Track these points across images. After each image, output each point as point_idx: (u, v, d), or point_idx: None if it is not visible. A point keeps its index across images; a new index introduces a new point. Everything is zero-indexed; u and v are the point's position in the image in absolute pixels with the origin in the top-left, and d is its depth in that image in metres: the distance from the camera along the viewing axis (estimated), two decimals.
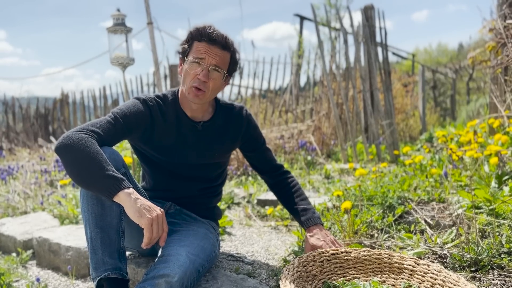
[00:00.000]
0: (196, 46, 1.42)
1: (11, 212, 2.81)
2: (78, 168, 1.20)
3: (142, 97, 1.49)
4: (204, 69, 1.40)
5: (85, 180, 1.20)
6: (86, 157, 1.19)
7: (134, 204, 1.17)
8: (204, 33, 1.40)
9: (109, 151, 1.30)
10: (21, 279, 1.86)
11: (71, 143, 1.21)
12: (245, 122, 1.62)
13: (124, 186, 1.19)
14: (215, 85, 1.44)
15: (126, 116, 1.40)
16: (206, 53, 1.40)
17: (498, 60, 2.83)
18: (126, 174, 1.35)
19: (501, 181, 2.06)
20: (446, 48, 26.62)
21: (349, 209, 1.77)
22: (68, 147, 1.21)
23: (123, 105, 1.44)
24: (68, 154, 1.21)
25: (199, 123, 1.53)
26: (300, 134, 4.69)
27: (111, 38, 2.88)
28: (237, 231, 2.22)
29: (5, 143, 8.20)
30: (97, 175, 1.18)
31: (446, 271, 1.28)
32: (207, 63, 1.40)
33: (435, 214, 1.95)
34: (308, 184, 3.05)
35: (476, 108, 7.82)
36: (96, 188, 1.20)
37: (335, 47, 4.59)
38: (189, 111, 1.52)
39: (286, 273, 1.27)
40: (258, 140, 1.69)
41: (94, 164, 1.18)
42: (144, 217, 1.16)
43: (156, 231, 1.19)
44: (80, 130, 1.26)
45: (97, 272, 1.25)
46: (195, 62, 1.41)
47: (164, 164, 1.56)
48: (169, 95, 1.54)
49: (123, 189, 1.18)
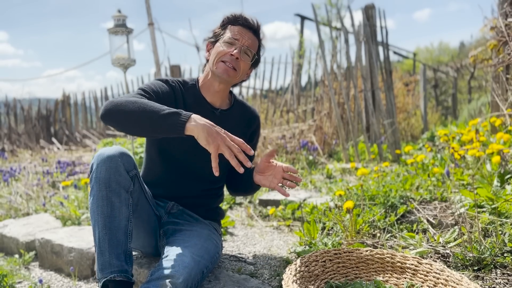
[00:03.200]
0: (231, 29, 1.49)
1: (13, 213, 2.82)
2: (135, 120, 1.22)
3: (165, 78, 1.54)
4: (237, 47, 1.47)
5: (148, 127, 1.22)
6: (137, 108, 1.22)
7: (201, 132, 1.18)
8: (240, 17, 1.50)
9: (122, 151, 1.31)
10: (24, 280, 1.87)
11: (115, 103, 1.25)
12: (256, 122, 1.69)
13: (185, 117, 1.20)
14: (244, 68, 1.51)
15: (154, 90, 1.44)
16: (241, 35, 1.48)
17: (500, 59, 2.83)
18: (137, 175, 1.37)
19: (504, 179, 2.06)
20: (447, 46, 26.58)
21: (351, 209, 1.77)
22: (114, 106, 1.24)
23: (149, 83, 1.48)
24: (118, 111, 1.24)
25: (217, 109, 1.57)
26: (302, 134, 4.69)
27: (112, 39, 2.89)
28: (239, 232, 2.22)
29: (7, 144, 8.22)
30: (157, 118, 1.19)
31: (449, 270, 1.28)
32: (241, 43, 1.47)
33: (437, 213, 1.95)
34: (310, 184, 3.05)
35: (477, 106, 7.81)
36: (162, 130, 1.21)
37: (336, 47, 4.58)
38: (209, 97, 1.56)
39: (289, 273, 1.27)
40: (254, 145, 1.73)
41: (148, 109, 1.21)
42: (210, 144, 1.18)
43: (228, 153, 1.19)
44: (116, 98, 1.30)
45: (103, 274, 1.25)
46: (229, 42, 1.47)
47: (177, 153, 1.55)
48: (189, 81, 1.59)
49: (188, 120, 1.19)
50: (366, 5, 4.31)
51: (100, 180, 1.26)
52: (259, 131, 1.72)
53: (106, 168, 1.27)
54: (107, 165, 1.27)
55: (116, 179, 1.27)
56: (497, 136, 2.56)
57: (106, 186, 1.26)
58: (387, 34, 4.45)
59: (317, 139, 4.54)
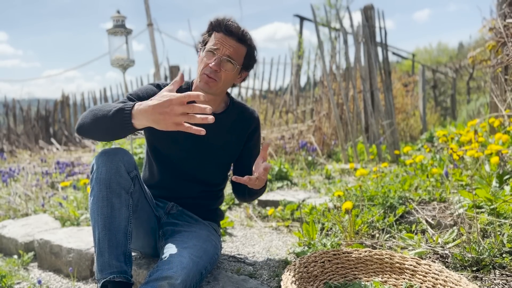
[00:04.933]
0: (215, 36, 1.44)
1: (12, 214, 2.82)
2: (96, 129, 1.23)
3: (157, 83, 1.52)
4: (216, 59, 1.42)
5: (109, 132, 1.21)
6: (92, 116, 1.23)
7: (145, 121, 1.14)
8: (222, 23, 1.43)
9: (122, 152, 1.32)
10: (23, 281, 1.86)
11: (82, 117, 1.27)
12: (254, 123, 1.64)
13: (128, 111, 1.16)
14: (227, 77, 1.45)
15: (140, 97, 1.42)
16: (221, 44, 1.42)
17: (498, 59, 2.83)
18: (137, 176, 1.37)
19: (502, 180, 2.06)
20: (446, 47, 26.64)
21: (350, 210, 1.77)
22: (81, 121, 1.27)
23: (137, 89, 1.47)
24: (87, 117, 1.25)
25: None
26: (301, 134, 4.69)
27: (111, 39, 2.89)
28: (238, 232, 2.22)
29: (6, 145, 8.21)
30: (108, 121, 1.19)
31: (448, 271, 1.28)
32: (220, 53, 1.42)
33: (436, 214, 1.95)
34: (309, 185, 3.05)
35: (476, 107, 7.82)
36: (117, 131, 1.20)
37: (335, 48, 4.59)
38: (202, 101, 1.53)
39: (288, 274, 1.27)
40: (256, 147, 1.67)
41: (100, 116, 1.21)
42: (161, 124, 1.11)
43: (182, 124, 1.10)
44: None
45: (102, 274, 1.25)
46: (210, 51, 1.43)
47: (174, 157, 1.55)
48: (183, 85, 1.56)
49: (131, 116, 1.15)
50: (365, 5, 4.32)
51: (101, 181, 1.27)
52: (258, 132, 1.67)
53: (106, 168, 1.27)
54: (107, 165, 1.27)
55: (117, 180, 1.27)
56: (496, 137, 2.57)
57: (107, 186, 1.26)
58: (386, 35, 4.45)
59: (316, 140, 4.54)
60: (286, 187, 3.13)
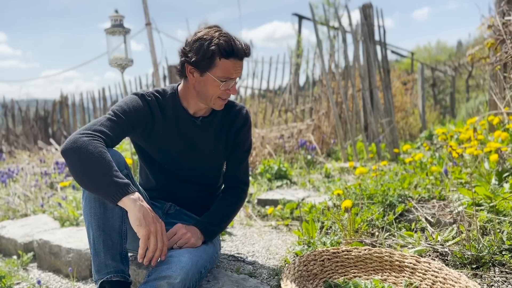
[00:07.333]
0: (223, 64, 1.37)
1: (11, 214, 2.81)
2: (83, 172, 1.20)
3: (140, 92, 1.48)
4: (233, 85, 1.42)
5: (91, 184, 1.21)
6: (91, 162, 1.19)
7: (137, 212, 1.18)
8: (234, 50, 1.36)
9: (111, 152, 1.30)
10: (22, 281, 1.86)
11: (76, 147, 1.21)
12: (241, 119, 1.59)
13: (129, 191, 1.19)
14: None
15: (126, 112, 1.39)
16: (235, 70, 1.39)
17: (497, 57, 2.83)
18: (129, 175, 1.36)
19: (501, 178, 2.06)
20: (445, 45, 26.66)
21: (349, 208, 1.77)
22: (73, 150, 1.21)
23: (122, 102, 1.43)
24: (74, 157, 1.21)
25: (198, 118, 1.53)
26: (300, 133, 4.69)
27: (109, 39, 2.88)
28: (237, 231, 2.22)
29: (5, 145, 8.20)
30: (102, 181, 1.18)
31: (447, 269, 1.28)
32: (236, 77, 1.41)
33: (435, 211, 1.95)
34: (308, 183, 3.05)
35: (475, 105, 7.83)
36: (101, 193, 1.20)
37: (334, 46, 4.59)
38: (192, 108, 1.52)
39: (287, 273, 1.27)
40: (243, 144, 1.62)
41: (99, 169, 1.19)
42: (142, 227, 1.17)
43: (153, 244, 1.20)
44: (84, 132, 1.25)
45: (99, 275, 1.25)
46: (224, 80, 1.39)
47: (164, 162, 1.55)
48: (168, 90, 1.54)
49: (127, 195, 1.19)
50: (364, 4, 4.31)
51: None
52: (246, 127, 1.61)
53: None
54: None
55: None
56: (495, 135, 2.57)
57: None
58: (384, 33, 4.45)
59: (315, 139, 4.54)
60: (286, 186, 3.13)
